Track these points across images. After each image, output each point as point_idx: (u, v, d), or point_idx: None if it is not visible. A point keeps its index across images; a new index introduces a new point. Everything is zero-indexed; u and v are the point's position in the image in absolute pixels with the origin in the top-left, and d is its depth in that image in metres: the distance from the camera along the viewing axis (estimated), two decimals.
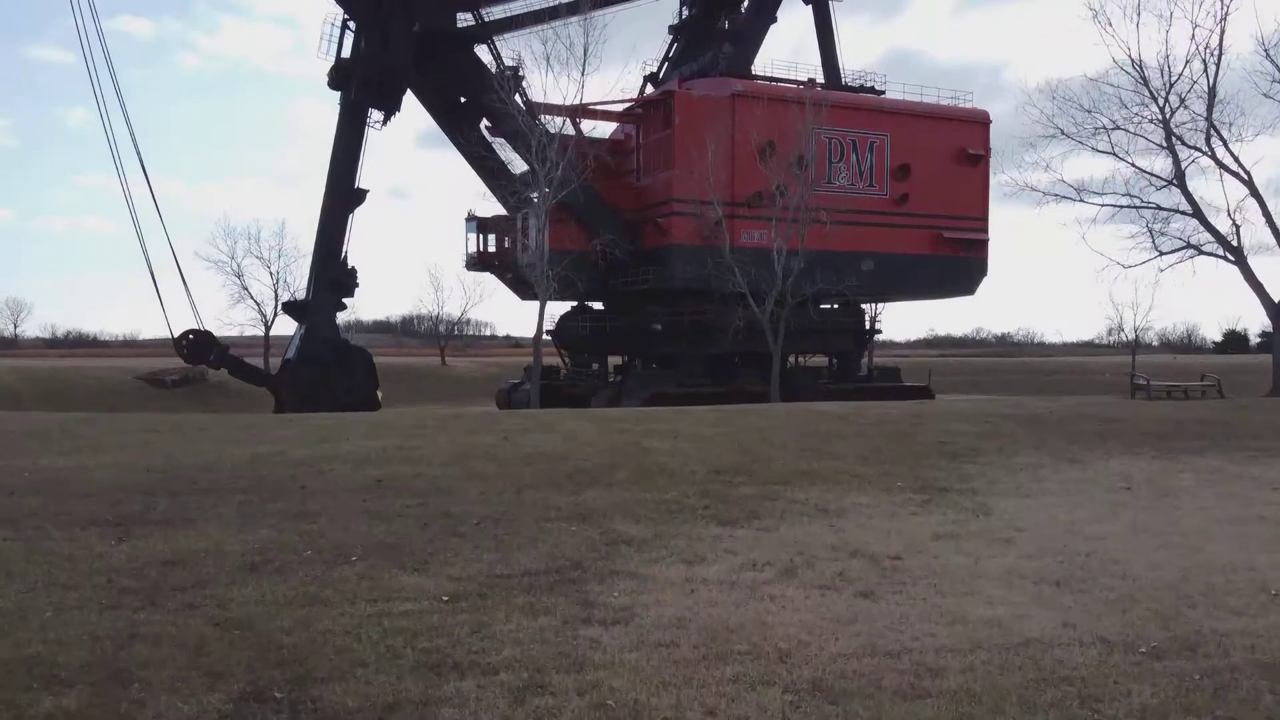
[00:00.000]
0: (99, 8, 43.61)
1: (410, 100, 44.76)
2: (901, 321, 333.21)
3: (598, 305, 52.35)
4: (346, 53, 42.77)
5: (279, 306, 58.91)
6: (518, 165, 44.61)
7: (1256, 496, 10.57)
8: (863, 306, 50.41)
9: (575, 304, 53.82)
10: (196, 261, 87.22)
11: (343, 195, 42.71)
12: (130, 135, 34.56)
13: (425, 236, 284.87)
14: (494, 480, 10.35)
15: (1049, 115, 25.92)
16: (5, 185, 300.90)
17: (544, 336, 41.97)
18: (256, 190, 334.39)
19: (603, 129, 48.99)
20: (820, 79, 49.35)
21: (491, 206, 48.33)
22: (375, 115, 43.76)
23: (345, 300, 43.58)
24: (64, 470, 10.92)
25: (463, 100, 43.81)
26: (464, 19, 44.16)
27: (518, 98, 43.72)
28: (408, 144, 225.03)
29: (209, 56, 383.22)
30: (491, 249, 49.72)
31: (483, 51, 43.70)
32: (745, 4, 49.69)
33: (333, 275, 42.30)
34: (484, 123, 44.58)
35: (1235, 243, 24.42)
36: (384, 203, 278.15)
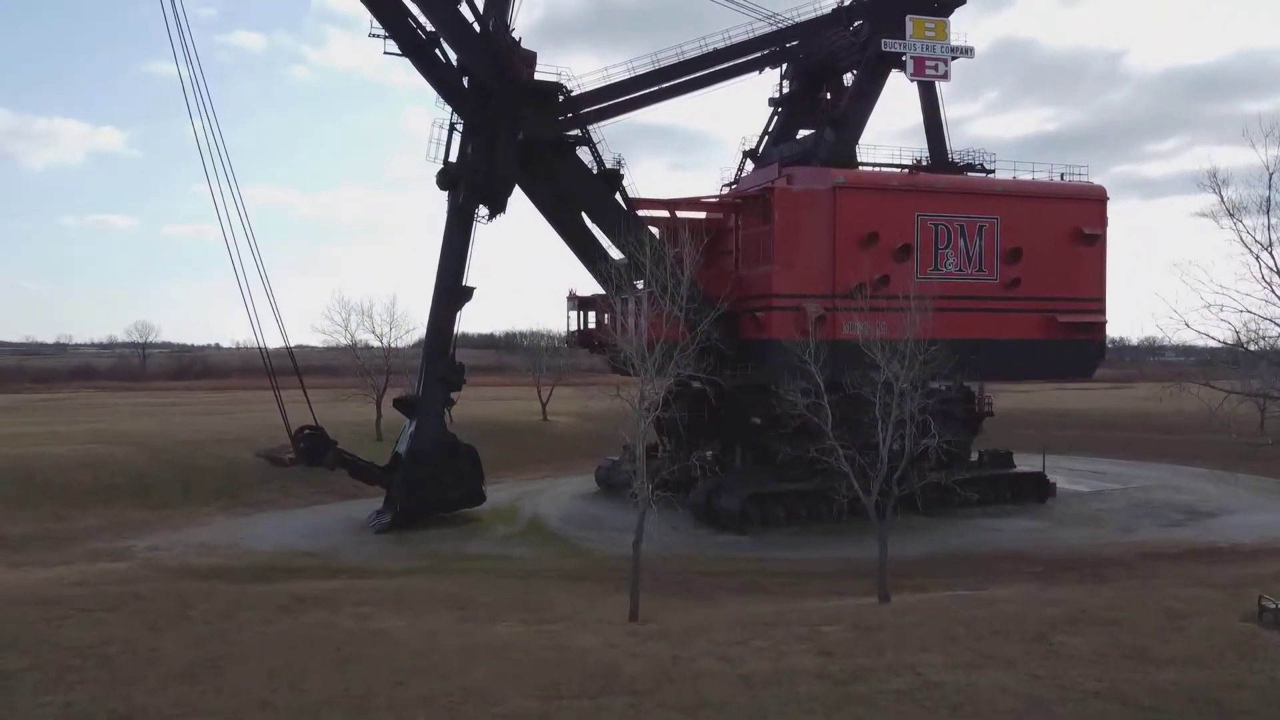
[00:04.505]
0: (213, 23, 45.89)
1: None
2: None
3: (696, 384, 52.30)
4: (454, 155, 43.85)
5: (388, 377, 61.24)
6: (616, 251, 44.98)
7: None
8: (972, 390, 49.06)
9: (675, 381, 53.90)
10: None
11: (451, 294, 43.89)
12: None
13: (525, 244, 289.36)
14: None
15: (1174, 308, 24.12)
16: (129, 195, 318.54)
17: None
18: (365, 196, 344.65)
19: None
20: (926, 156, 48.02)
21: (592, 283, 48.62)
22: (482, 210, 44.76)
23: (453, 395, 44.92)
24: None
25: (565, 196, 44.39)
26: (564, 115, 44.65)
27: (618, 196, 44.18)
28: None
29: (317, 68, 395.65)
30: (591, 326, 50.35)
31: (584, 152, 44.15)
32: (848, 84, 48.61)
33: (441, 373, 43.64)
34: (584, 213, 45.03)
35: None
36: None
